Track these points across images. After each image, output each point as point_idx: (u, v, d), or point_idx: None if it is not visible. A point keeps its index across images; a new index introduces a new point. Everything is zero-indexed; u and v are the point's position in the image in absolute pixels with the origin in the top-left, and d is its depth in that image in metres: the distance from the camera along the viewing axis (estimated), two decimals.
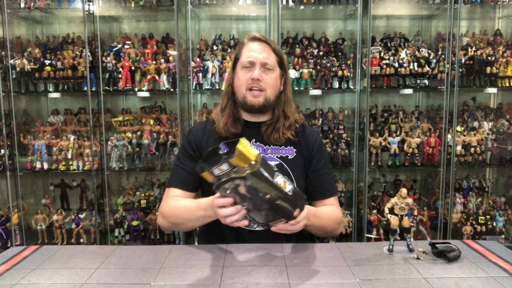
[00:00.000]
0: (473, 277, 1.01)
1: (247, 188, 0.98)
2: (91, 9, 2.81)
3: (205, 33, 3.16)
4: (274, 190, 0.98)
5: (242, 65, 1.39)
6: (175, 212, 1.33)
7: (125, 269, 1.06)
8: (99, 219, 2.95)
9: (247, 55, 1.38)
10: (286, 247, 1.22)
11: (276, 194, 0.99)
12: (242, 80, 1.38)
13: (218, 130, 1.43)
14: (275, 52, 1.41)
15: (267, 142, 1.43)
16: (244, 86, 1.38)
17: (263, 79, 1.37)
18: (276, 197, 0.99)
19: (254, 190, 0.98)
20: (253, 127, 1.45)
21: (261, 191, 0.98)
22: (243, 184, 0.97)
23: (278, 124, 1.42)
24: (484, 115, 3.03)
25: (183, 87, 2.93)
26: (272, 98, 1.40)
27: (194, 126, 1.55)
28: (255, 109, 1.39)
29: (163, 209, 1.40)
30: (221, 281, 0.98)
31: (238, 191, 1.00)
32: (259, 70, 1.36)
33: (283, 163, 1.41)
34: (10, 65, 2.82)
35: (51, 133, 2.97)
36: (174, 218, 1.34)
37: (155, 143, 2.90)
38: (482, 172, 3.18)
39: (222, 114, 1.45)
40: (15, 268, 1.09)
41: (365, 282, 0.97)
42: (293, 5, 2.87)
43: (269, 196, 0.99)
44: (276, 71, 1.41)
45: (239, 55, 1.42)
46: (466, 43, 2.90)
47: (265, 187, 0.97)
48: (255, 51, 1.38)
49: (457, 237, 2.83)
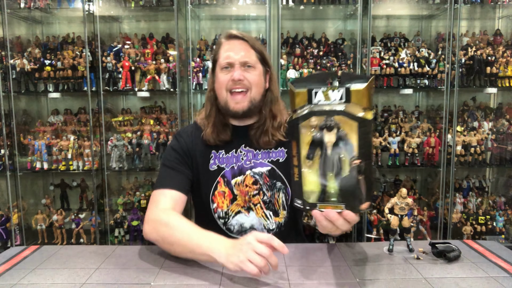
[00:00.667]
0: (473, 277, 1.00)
1: (339, 138, 0.78)
2: (91, 9, 2.81)
3: (205, 33, 3.16)
4: (368, 159, 0.77)
5: (220, 67, 1.30)
6: (172, 230, 1.10)
7: (125, 269, 1.06)
8: (99, 219, 2.95)
9: (224, 55, 1.29)
10: (286, 247, 1.22)
11: (367, 166, 0.78)
12: (222, 82, 1.29)
13: (206, 139, 1.34)
14: (255, 48, 1.31)
15: (257, 146, 1.36)
16: (225, 88, 1.29)
17: (246, 78, 1.28)
18: (363, 170, 0.78)
19: (345, 145, 0.78)
20: (242, 132, 1.37)
21: (353, 151, 0.77)
22: (336, 132, 0.77)
23: (265, 125, 1.33)
24: (484, 115, 3.03)
25: (183, 87, 2.93)
26: (257, 98, 1.32)
27: (183, 129, 1.44)
28: (239, 115, 1.31)
29: (154, 216, 1.18)
30: (221, 281, 0.98)
31: (322, 137, 0.79)
32: (239, 70, 1.27)
33: (275, 168, 1.35)
34: (10, 65, 2.82)
35: (51, 133, 2.97)
36: (167, 235, 1.11)
37: (155, 143, 2.90)
38: (482, 172, 3.18)
39: (207, 121, 1.35)
40: (15, 268, 1.09)
41: (365, 282, 0.97)
42: (293, 5, 2.88)
43: (359, 162, 0.77)
44: (258, 68, 1.32)
45: (217, 56, 1.32)
46: (466, 43, 2.90)
47: (364, 147, 0.77)
48: (233, 51, 1.29)
49: (457, 237, 2.83)
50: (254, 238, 0.95)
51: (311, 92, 0.80)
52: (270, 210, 1.35)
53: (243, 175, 1.34)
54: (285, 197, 1.36)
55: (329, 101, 0.80)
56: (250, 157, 1.36)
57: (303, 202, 0.87)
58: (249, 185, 1.34)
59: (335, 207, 0.84)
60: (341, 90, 0.78)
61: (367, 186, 0.79)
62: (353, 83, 0.77)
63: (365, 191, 0.80)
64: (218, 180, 1.34)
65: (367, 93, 0.76)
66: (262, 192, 1.34)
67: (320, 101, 0.80)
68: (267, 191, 1.34)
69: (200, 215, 1.43)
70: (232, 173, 1.35)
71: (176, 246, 1.08)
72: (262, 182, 1.34)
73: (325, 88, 0.79)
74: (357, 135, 0.76)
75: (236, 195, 1.34)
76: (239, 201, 1.34)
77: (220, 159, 1.36)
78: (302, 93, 0.82)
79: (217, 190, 1.34)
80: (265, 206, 1.35)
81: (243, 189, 1.34)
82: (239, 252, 0.94)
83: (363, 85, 0.77)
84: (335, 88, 0.78)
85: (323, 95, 0.79)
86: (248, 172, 1.34)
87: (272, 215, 1.35)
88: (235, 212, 1.35)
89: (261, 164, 1.35)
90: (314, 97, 0.81)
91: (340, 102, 0.78)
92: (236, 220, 1.35)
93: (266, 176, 1.35)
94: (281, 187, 1.35)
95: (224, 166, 1.35)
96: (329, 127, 0.78)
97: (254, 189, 1.34)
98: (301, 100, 0.82)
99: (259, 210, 1.34)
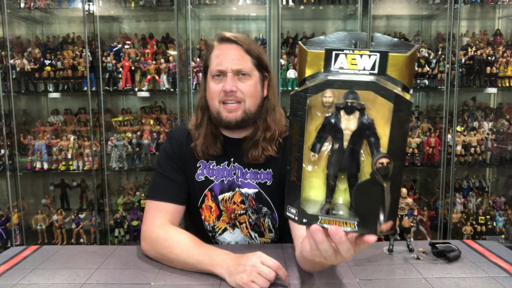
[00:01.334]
0: (473, 277, 1.00)
1: (362, 125, 0.57)
2: (91, 9, 2.81)
3: (205, 33, 3.16)
4: (399, 160, 0.55)
5: (212, 74, 1.16)
6: (171, 247, 1.05)
7: (125, 269, 1.06)
8: (99, 219, 2.95)
9: (215, 62, 1.15)
10: (286, 247, 1.22)
11: (397, 170, 0.56)
12: (214, 92, 1.15)
13: (196, 152, 1.22)
14: (250, 53, 1.16)
15: (246, 162, 1.22)
16: (217, 99, 1.15)
17: (238, 89, 1.14)
18: (390, 174, 0.55)
19: (369, 136, 0.57)
20: (234, 145, 1.23)
21: (379, 146, 0.56)
22: (358, 116, 0.57)
23: (256, 136, 1.18)
24: (484, 115, 3.03)
25: (183, 87, 2.93)
26: (253, 109, 1.17)
27: (176, 129, 1.31)
28: (232, 125, 1.16)
29: (151, 233, 1.11)
30: (221, 281, 0.98)
31: (338, 121, 0.58)
32: (231, 80, 1.13)
33: (261, 192, 1.23)
34: (10, 65, 2.82)
35: (51, 133, 2.97)
36: (166, 252, 1.06)
37: (155, 143, 2.90)
38: (482, 172, 3.18)
39: (197, 132, 1.22)
40: (15, 268, 1.09)
41: (365, 282, 0.97)
42: (293, 5, 2.87)
43: (386, 163, 0.55)
44: (254, 76, 1.17)
45: (208, 62, 1.19)
46: (466, 43, 2.90)
47: (396, 141, 0.55)
48: (225, 57, 1.14)
49: (457, 237, 2.83)
50: (260, 260, 0.93)
51: (331, 54, 0.57)
52: (256, 232, 1.28)
53: (232, 191, 1.24)
54: (271, 221, 1.27)
55: (354, 70, 0.56)
56: (239, 174, 1.24)
57: (298, 212, 0.63)
58: (237, 203, 1.24)
59: (343, 224, 0.61)
60: (374, 55, 0.55)
61: (393, 198, 0.57)
62: (392, 49, 0.56)
63: (389, 204, 0.57)
64: (206, 194, 1.25)
65: (410, 65, 0.55)
66: (248, 214, 1.26)
67: (341, 69, 0.57)
68: (252, 214, 1.25)
69: (191, 222, 1.36)
70: (221, 187, 1.24)
71: (176, 262, 1.05)
72: (247, 204, 1.24)
73: (350, 50, 0.56)
74: (389, 122, 0.54)
75: (222, 211, 1.26)
76: (225, 217, 1.27)
77: (209, 169, 1.25)
78: (316, 55, 0.58)
79: (204, 203, 1.26)
80: (250, 227, 1.27)
81: (230, 206, 1.25)
82: (243, 273, 0.92)
83: (407, 52, 0.55)
84: (366, 52, 0.55)
85: (347, 61, 0.56)
86: (237, 189, 1.24)
87: (257, 236, 1.28)
88: (221, 230, 1.28)
89: (248, 185, 1.23)
90: (334, 61, 0.57)
91: (372, 72, 0.56)
92: (223, 238, 1.29)
93: (252, 199, 1.24)
94: (267, 212, 1.25)
95: (213, 179, 1.24)
96: (350, 108, 0.56)
97: (242, 208, 1.25)
98: (313, 65, 0.59)
99: (244, 229, 1.27)
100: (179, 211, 1.22)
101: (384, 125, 0.56)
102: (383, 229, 0.58)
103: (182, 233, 1.10)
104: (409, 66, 0.56)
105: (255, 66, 1.17)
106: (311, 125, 0.60)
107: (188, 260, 1.02)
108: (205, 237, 1.29)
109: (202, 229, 1.30)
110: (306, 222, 0.63)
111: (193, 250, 1.03)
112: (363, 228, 0.60)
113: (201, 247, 1.04)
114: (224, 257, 0.99)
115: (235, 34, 1.18)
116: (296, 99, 0.59)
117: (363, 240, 0.62)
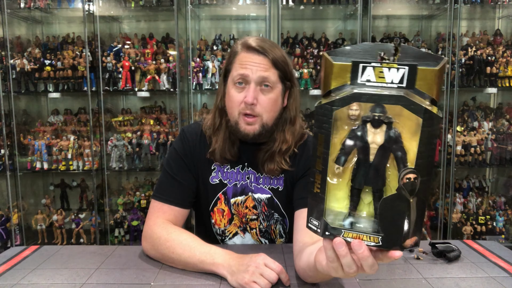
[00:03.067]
0: (473, 277, 1.00)
1: (389, 139, 0.56)
2: (91, 9, 2.81)
3: (205, 33, 3.16)
4: (427, 175, 0.56)
5: (233, 81, 1.13)
6: (173, 247, 1.05)
7: (125, 269, 1.06)
8: (99, 219, 2.95)
9: (239, 71, 1.11)
10: (286, 247, 1.22)
11: (424, 185, 0.56)
12: (235, 101, 1.13)
13: (214, 156, 1.21)
14: (276, 65, 1.12)
15: (261, 170, 1.21)
16: (237, 110, 1.13)
17: (259, 102, 1.11)
18: (417, 189, 0.56)
19: (396, 151, 0.56)
20: (250, 150, 1.21)
21: (407, 161, 0.56)
22: (385, 130, 0.56)
23: (273, 149, 1.17)
24: (484, 115, 3.03)
25: (183, 87, 2.93)
26: (270, 123, 1.15)
27: (189, 128, 1.28)
28: (249, 138, 1.14)
29: (153, 233, 1.11)
30: (221, 280, 0.98)
31: (364, 134, 0.58)
32: (253, 92, 1.10)
33: (273, 197, 1.23)
34: (10, 65, 2.82)
35: (51, 133, 2.97)
36: (168, 252, 1.06)
37: (155, 143, 2.90)
38: (482, 172, 3.18)
39: (215, 137, 1.20)
40: (15, 268, 1.09)
41: (365, 282, 0.97)
42: (293, 5, 2.88)
43: (413, 178, 0.55)
44: (277, 88, 1.14)
45: (230, 67, 1.16)
46: (466, 43, 2.90)
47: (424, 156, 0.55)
48: (250, 66, 1.11)
49: (457, 237, 2.83)
50: (263, 262, 0.93)
51: (358, 67, 0.57)
52: (266, 239, 1.28)
53: (245, 195, 1.23)
54: (282, 227, 1.27)
55: (382, 83, 0.56)
56: (252, 179, 1.24)
57: (321, 224, 0.63)
58: (249, 207, 1.24)
59: (367, 239, 0.60)
60: (403, 69, 0.55)
61: (418, 214, 0.57)
62: (420, 62, 0.55)
63: (415, 220, 0.57)
64: (219, 197, 1.24)
65: (439, 79, 0.55)
66: (259, 220, 1.25)
67: (368, 81, 0.57)
68: (264, 221, 1.25)
69: (199, 224, 1.35)
70: (233, 190, 1.24)
71: (178, 262, 1.05)
72: (260, 210, 1.24)
73: (378, 63, 0.55)
74: (416, 136, 0.54)
75: (234, 215, 1.25)
76: (236, 221, 1.26)
77: (224, 173, 1.24)
78: (342, 67, 0.58)
79: (217, 206, 1.25)
80: (260, 233, 1.27)
81: (242, 210, 1.24)
82: (245, 273, 0.92)
83: (436, 66, 0.54)
84: (394, 65, 0.55)
85: (375, 73, 0.56)
86: (250, 194, 1.23)
87: (267, 242, 1.28)
88: (232, 234, 1.28)
89: (262, 190, 1.23)
90: (361, 74, 0.57)
91: (400, 86, 0.55)
92: (233, 242, 1.28)
93: (264, 205, 1.24)
94: (279, 219, 1.26)
95: (227, 182, 1.24)
96: (377, 122, 0.56)
97: (254, 213, 1.24)
98: (340, 77, 0.58)
99: (254, 235, 1.27)
100: (183, 215, 1.21)
101: (410, 139, 0.56)
102: (407, 244, 0.59)
103: (184, 233, 1.10)
104: (438, 80, 0.56)
105: (279, 79, 1.15)
106: (336, 137, 0.60)
107: (189, 260, 1.02)
108: (214, 240, 1.28)
109: (211, 233, 1.29)
110: (329, 234, 0.63)
111: (195, 250, 1.03)
112: (388, 243, 0.59)
113: (203, 247, 1.04)
114: (226, 257, 0.99)
115: (261, 42, 1.13)
116: (322, 111, 0.60)
117: (388, 255, 0.61)
